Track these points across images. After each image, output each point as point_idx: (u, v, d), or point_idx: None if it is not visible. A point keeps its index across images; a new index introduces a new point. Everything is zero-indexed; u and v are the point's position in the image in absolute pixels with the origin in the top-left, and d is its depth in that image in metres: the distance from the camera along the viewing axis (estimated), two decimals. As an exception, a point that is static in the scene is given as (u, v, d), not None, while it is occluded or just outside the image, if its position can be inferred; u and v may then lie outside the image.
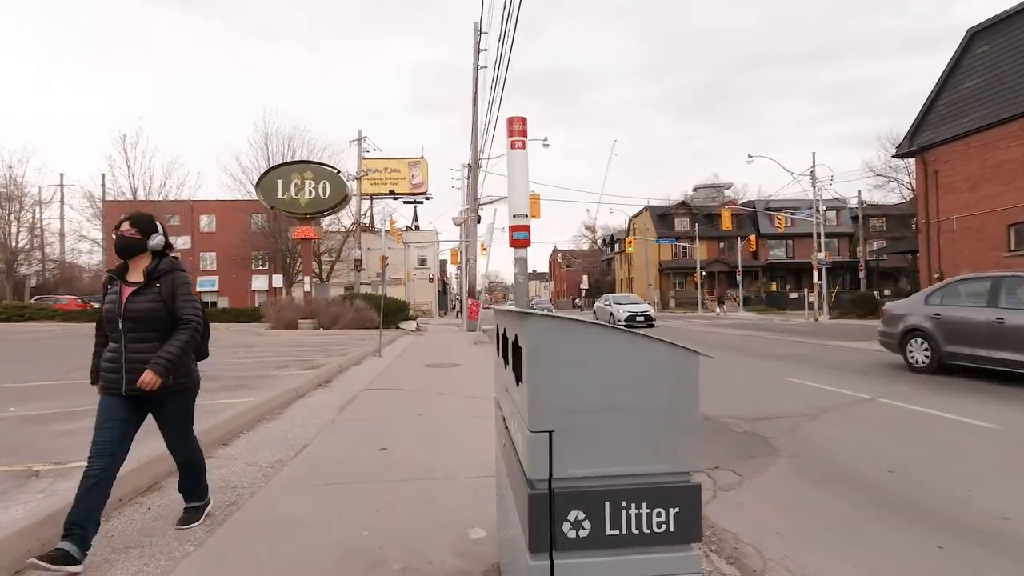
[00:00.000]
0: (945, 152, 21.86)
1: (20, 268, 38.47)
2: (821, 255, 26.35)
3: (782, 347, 13.95)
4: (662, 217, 56.45)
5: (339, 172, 20.99)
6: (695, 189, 62.49)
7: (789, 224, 44.48)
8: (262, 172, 20.71)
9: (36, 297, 36.29)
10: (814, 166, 27.76)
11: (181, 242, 44.04)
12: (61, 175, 45.00)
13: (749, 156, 27.81)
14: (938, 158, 22.21)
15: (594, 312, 27.04)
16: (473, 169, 23.95)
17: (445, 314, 56.29)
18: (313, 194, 20.38)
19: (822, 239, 31.48)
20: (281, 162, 23.22)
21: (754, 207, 54.53)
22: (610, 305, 24.36)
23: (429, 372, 9.72)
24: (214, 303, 44.14)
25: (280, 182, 20.31)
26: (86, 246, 45.00)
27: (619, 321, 21.70)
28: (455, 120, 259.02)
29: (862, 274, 33.02)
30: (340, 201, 20.81)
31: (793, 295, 50.03)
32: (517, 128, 4.23)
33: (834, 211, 52.62)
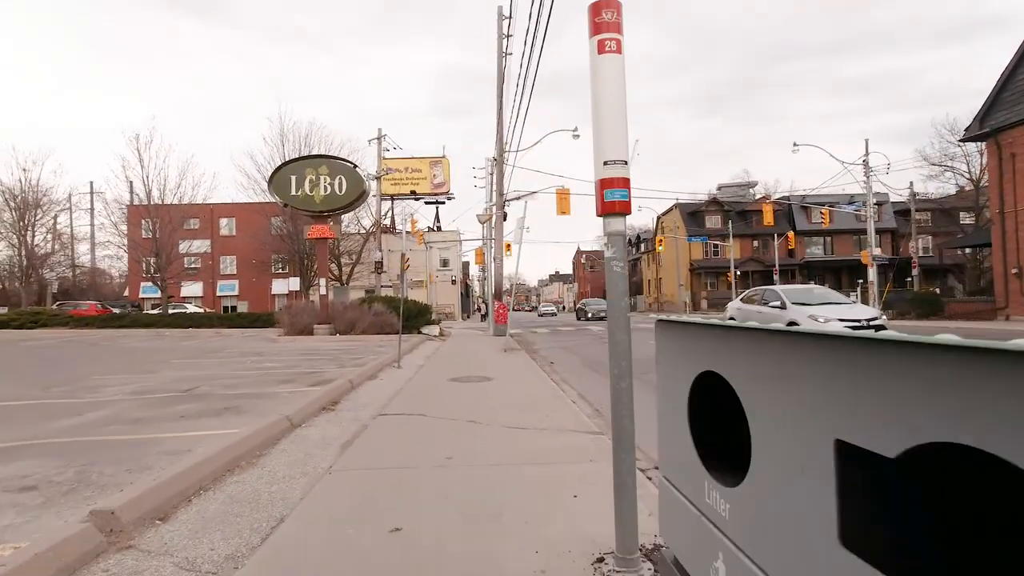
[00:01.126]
0: (1024, 133, 19.64)
1: (43, 272, 38.16)
2: (877, 250, 24.14)
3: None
4: (692, 215, 54.28)
5: (356, 167, 19.65)
6: (719, 188, 59.82)
7: (830, 220, 42.02)
8: (275, 168, 19.51)
9: (58, 303, 35.90)
10: (867, 154, 25.60)
11: (199, 246, 43.46)
12: (91, 183, 44.85)
13: (795, 144, 25.79)
14: (1015, 140, 19.96)
15: (730, 318, 15.29)
16: (498, 162, 22.47)
17: (468, 317, 54.94)
18: (329, 190, 19.06)
19: (872, 234, 29.22)
20: (295, 157, 22.01)
21: (788, 202, 52.01)
22: (783, 308, 12.96)
23: (456, 389, 8.17)
24: (234, 307, 43.41)
25: (294, 178, 19.04)
26: (112, 250, 44.77)
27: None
28: (478, 123, 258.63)
29: (915, 271, 30.62)
30: (357, 198, 19.47)
31: (834, 295, 47.44)
32: (608, 18, 2.61)
33: (876, 205, 49.80)
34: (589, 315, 34.81)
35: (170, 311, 31.68)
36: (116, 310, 33.81)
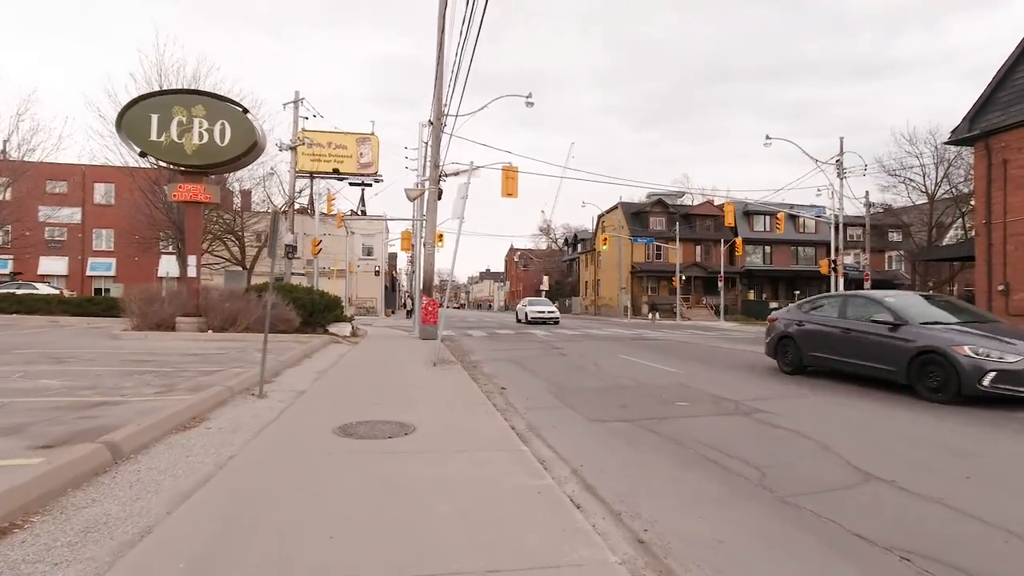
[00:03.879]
0: (1021, 136, 17.86)
1: None
2: (849, 258, 22.04)
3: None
4: (636, 215, 52.09)
5: (247, 112, 14.82)
6: (648, 196, 57.36)
7: (773, 226, 40.81)
8: (128, 101, 14.25)
9: None
10: (842, 153, 23.53)
11: (69, 214, 36.06)
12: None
13: (767, 138, 23.30)
14: (1009, 144, 18.16)
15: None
16: (435, 127, 18.32)
17: (393, 313, 50.08)
18: (205, 138, 14.19)
19: (835, 237, 27.40)
20: (159, 90, 16.68)
21: (736, 203, 50.68)
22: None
23: (339, 469, 4.12)
24: (107, 290, 36.36)
25: (155, 118, 14.01)
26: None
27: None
28: (412, 117, 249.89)
29: (867, 284, 29.23)
30: (246, 152, 14.62)
31: (773, 304, 46.58)
32: None
33: (815, 218, 49.41)
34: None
35: (16, 291, 25.16)
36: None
